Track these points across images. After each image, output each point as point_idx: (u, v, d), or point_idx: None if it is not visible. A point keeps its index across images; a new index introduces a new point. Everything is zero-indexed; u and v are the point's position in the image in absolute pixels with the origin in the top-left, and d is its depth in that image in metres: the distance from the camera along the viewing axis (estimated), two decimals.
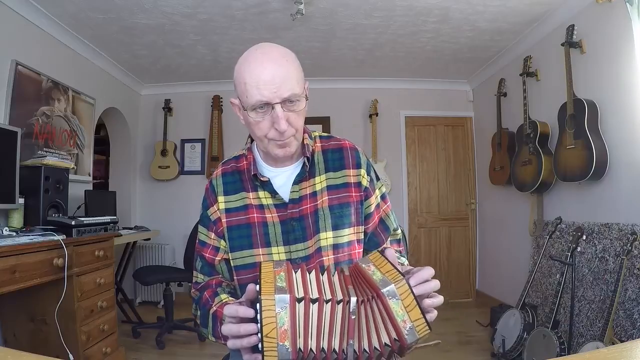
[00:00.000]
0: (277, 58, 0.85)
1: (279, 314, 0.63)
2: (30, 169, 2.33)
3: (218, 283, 0.98)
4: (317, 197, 0.96)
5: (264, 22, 2.98)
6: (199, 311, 0.94)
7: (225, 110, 4.29)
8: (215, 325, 0.87)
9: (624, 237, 2.11)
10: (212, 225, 0.98)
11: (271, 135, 0.87)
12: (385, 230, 1.04)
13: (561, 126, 2.54)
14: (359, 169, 1.00)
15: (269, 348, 0.62)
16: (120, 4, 2.65)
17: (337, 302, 0.66)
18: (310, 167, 0.97)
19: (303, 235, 0.93)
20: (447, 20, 2.96)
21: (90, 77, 3.38)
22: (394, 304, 0.65)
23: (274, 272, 0.68)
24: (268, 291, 0.64)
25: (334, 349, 0.66)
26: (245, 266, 0.93)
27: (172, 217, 4.20)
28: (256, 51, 0.87)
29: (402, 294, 0.65)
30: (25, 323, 2.10)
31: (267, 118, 0.85)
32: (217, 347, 2.97)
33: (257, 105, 0.83)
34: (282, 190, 0.95)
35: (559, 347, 2.12)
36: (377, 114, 4.21)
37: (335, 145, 1.02)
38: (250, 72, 0.83)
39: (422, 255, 4.26)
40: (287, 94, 0.83)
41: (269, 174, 0.97)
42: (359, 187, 0.99)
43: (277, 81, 0.82)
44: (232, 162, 1.02)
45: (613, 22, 2.30)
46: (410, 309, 0.65)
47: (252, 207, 0.95)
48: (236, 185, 0.98)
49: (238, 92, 0.87)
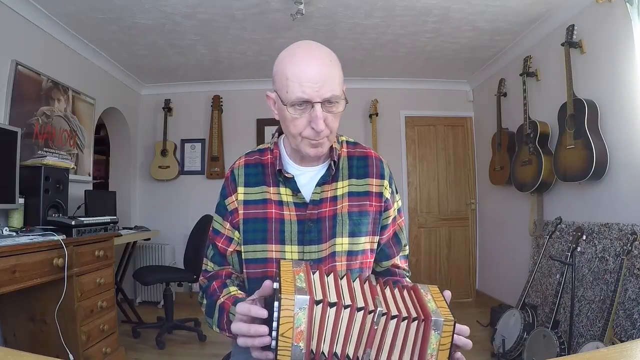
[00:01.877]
0: (323, 57, 0.85)
1: (297, 315, 0.63)
2: (30, 169, 2.33)
3: (228, 274, 0.97)
4: (338, 202, 0.95)
5: (264, 22, 2.98)
6: (205, 300, 0.94)
7: (225, 110, 4.29)
8: (221, 316, 0.87)
9: (624, 237, 2.11)
10: (229, 215, 0.97)
11: (306, 134, 0.87)
12: (397, 243, 1.05)
13: (561, 126, 2.55)
14: (383, 179, 1.00)
15: (283, 347, 0.62)
16: (120, 4, 2.65)
17: (357, 309, 0.66)
18: (335, 171, 0.97)
19: (318, 237, 0.93)
20: (447, 20, 2.96)
21: (90, 77, 3.38)
22: (433, 336, 0.67)
23: (293, 272, 0.68)
24: (288, 290, 0.64)
25: (347, 355, 0.67)
26: (256, 260, 0.93)
27: (172, 217, 4.20)
28: (302, 47, 0.87)
29: (444, 331, 0.67)
30: (25, 323, 2.10)
31: (305, 116, 0.85)
32: (217, 347, 2.97)
33: (297, 101, 0.83)
34: (304, 189, 0.95)
35: (559, 347, 2.12)
36: (377, 114, 4.21)
37: (362, 153, 1.02)
38: (294, 67, 0.83)
39: (422, 255, 4.26)
40: (328, 94, 0.83)
41: (293, 171, 0.96)
42: (380, 198, 0.99)
43: (320, 80, 0.82)
44: (255, 154, 1.01)
45: (613, 22, 2.30)
46: (443, 348, 0.67)
47: (272, 202, 0.94)
48: (258, 178, 0.97)
49: (277, 86, 0.87)
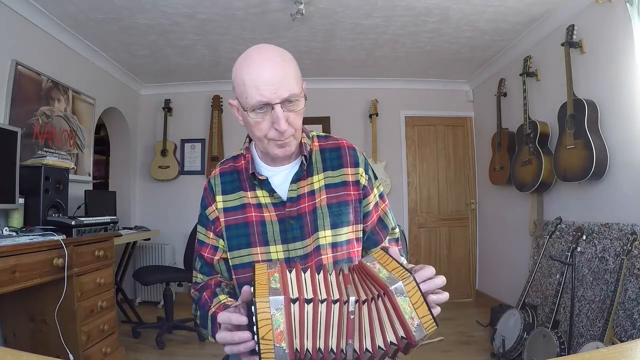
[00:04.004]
0: (275, 58, 0.85)
1: (274, 316, 0.63)
2: (30, 169, 2.33)
3: (217, 283, 0.98)
4: (316, 196, 0.96)
5: (264, 22, 2.97)
6: (198, 312, 0.95)
7: (225, 110, 4.28)
8: (214, 326, 0.87)
9: (624, 237, 2.11)
10: (211, 225, 0.98)
11: (271, 136, 0.87)
12: (383, 228, 1.05)
13: (561, 126, 2.54)
14: (357, 167, 1.00)
15: (266, 350, 0.62)
16: (120, 4, 2.65)
17: (332, 301, 0.66)
18: (308, 166, 0.97)
19: (301, 233, 0.93)
20: (447, 20, 2.96)
21: (90, 77, 3.38)
22: (402, 301, 0.65)
23: (267, 274, 0.68)
24: (262, 293, 0.64)
25: (331, 348, 0.66)
26: (244, 265, 0.94)
27: (172, 217, 4.20)
28: (254, 52, 0.87)
29: (409, 291, 0.65)
30: (25, 323, 2.10)
31: (267, 118, 0.85)
32: (217, 347, 2.95)
33: (257, 105, 0.84)
34: (280, 189, 0.96)
35: (559, 347, 2.12)
36: (377, 114, 4.21)
37: (333, 144, 1.03)
38: (249, 72, 0.84)
39: (422, 255, 4.25)
40: (286, 94, 0.83)
41: (267, 173, 0.97)
42: (357, 186, 0.99)
43: (276, 81, 0.82)
44: (230, 161, 1.03)
45: (613, 22, 2.30)
46: (418, 305, 0.65)
47: (250, 206, 0.95)
48: (234, 185, 0.98)
49: (237, 93, 0.88)
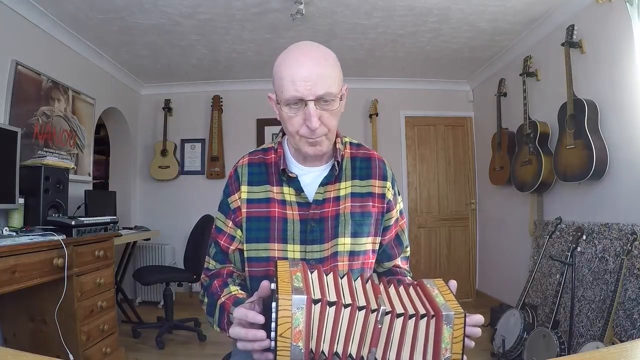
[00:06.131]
0: (317, 57, 0.86)
1: (294, 315, 0.63)
2: (30, 169, 2.33)
3: (229, 273, 0.97)
4: (340, 202, 0.96)
5: (264, 22, 2.97)
6: (206, 298, 0.94)
7: (225, 110, 4.29)
8: (221, 316, 0.88)
9: (624, 237, 2.11)
10: (231, 214, 0.98)
11: (303, 132, 0.87)
12: (399, 245, 1.06)
13: (561, 126, 2.54)
14: (385, 181, 1.01)
15: (282, 348, 0.62)
16: (120, 4, 2.65)
17: (358, 308, 0.66)
18: (338, 172, 0.97)
19: (320, 237, 0.93)
20: (447, 20, 2.96)
21: (90, 77, 3.38)
22: (445, 330, 0.67)
23: (290, 272, 0.68)
24: (285, 291, 0.64)
25: (349, 354, 0.66)
26: (259, 259, 0.94)
27: (172, 217, 4.20)
28: (296, 48, 0.88)
29: (456, 324, 0.67)
30: (25, 323, 2.10)
31: (299, 114, 0.86)
32: (217, 347, 2.97)
33: (291, 100, 0.84)
34: (307, 189, 0.95)
35: (559, 347, 2.12)
36: (377, 114, 4.21)
37: (365, 154, 1.03)
38: (288, 67, 0.84)
39: (422, 255, 4.26)
40: (321, 92, 0.83)
41: (297, 171, 0.97)
42: (382, 199, 0.99)
43: (312, 78, 0.83)
44: (259, 153, 1.02)
45: (613, 22, 2.30)
46: (456, 341, 0.67)
47: (275, 201, 0.95)
48: (261, 177, 0.98)
49: (275, 86, 0.89)
